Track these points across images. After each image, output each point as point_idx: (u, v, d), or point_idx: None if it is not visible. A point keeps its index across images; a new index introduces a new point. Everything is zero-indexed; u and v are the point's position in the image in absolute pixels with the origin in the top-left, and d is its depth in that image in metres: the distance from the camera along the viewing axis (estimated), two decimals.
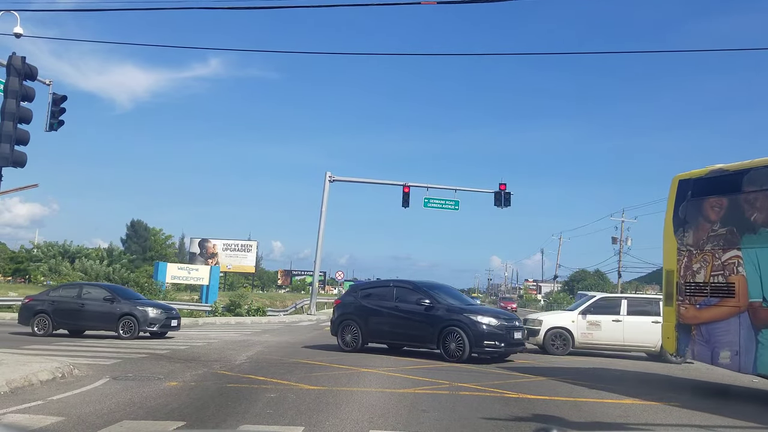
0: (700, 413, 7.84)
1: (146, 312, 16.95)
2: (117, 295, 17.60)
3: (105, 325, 17.00)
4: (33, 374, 8.31)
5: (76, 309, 17.16)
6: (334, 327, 14.57)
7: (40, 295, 19.22)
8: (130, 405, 7.09)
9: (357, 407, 7.27)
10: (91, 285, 19.91)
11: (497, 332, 12.62)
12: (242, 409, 6.99)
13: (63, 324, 17.33)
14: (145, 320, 16.76)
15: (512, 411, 7.38)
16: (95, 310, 16.99)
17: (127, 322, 16.70)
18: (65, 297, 17.60)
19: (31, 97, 11.25)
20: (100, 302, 17.10)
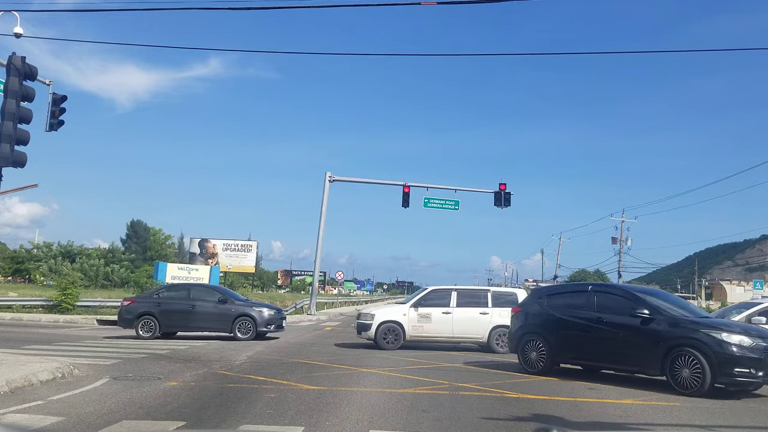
0: (700, 413, 7.84)
1: (263, 313, 16.95)
2: (229, 296, 17.63)
3: (219, 327, 16.81)
4: (33, 374, 8.31)
5: (186, 310, 16.88)
6: (513, 342, 12.11)
7: (141, 296, 18.92)
8: (130, 405, 7.09)
9: (357, 407, 7.27)
10: (201, 286, 19.65)
11: (752, 356, 9.16)
12: (242, 409, 6.99)
13: (172, 326, 17.06)
14: (262, 321, 16.79)
15: (512, 411, 7.38)
16: (209, 312, 16.81)
17: (244, 323, 16.65)
18: (174, 298, 17.28)
19: (31, 97, 11.25)
20: (213, 304, 16.92)
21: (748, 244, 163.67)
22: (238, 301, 17.54)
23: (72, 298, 25.57)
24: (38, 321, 22.38)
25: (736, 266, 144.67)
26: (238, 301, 17.49)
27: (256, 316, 16.72)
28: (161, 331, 16.64)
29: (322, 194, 32.47)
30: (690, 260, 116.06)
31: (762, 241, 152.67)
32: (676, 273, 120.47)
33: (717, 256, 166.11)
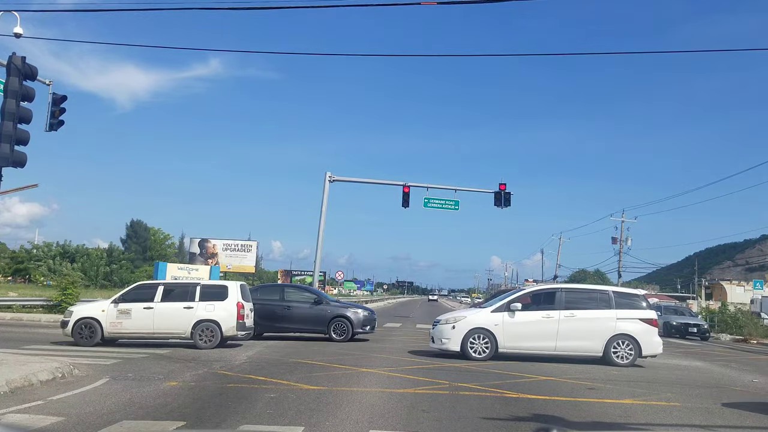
0: (700, 413, 7.85)
1: (358, 314, 16.96)
2: (323, 297, 17.54)
3: (314, 328, 16.76)
4: (33, 374, 8.31)
5: (281, 312, 16.79)
6: None
7: None
8: (130, 405, 7.09)
9: (357, 407, 7.27)
10: (292, 287, 19.33)
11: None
12: (242, 409, 6.99)
13: (266, 327, 16.83)
14: (358, 322, 16.78)
15: (512, 411, 7.38)
16: (304, 313, 16.75)
17: (340, 324, 16.62)
18: (268, 300, 17.01)
19: (31, 97, 11.25)
20: (308, 305, 16.91)
21: (748, 244, 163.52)
22: (332, 302, 17.45)
23: (72, 298, 25.53)
24: (38, 321, 22.36)
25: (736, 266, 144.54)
26: (332, 302, 17.41)
27: (352, 317, 16.75)
28: (256, 332, 16.14)
29: (322, 194, 32.44)
30: (690, 260, 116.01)
31: (762, 241, 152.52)
32: (676, 273, 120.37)
33: (717, 256, 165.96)
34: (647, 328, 12.84)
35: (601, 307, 12.97)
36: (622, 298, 13.34)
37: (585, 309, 12.92)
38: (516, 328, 12.69)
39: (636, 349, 12.66)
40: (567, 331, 12.62)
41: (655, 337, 12.93)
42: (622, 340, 12.71)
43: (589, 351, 12.81)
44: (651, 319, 12.97)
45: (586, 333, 12.67)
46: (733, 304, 44.92)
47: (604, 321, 12.75)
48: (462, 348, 12.75)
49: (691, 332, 28.06)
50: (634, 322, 12.81)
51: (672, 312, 31.05)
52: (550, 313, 12.78)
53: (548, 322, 12.68)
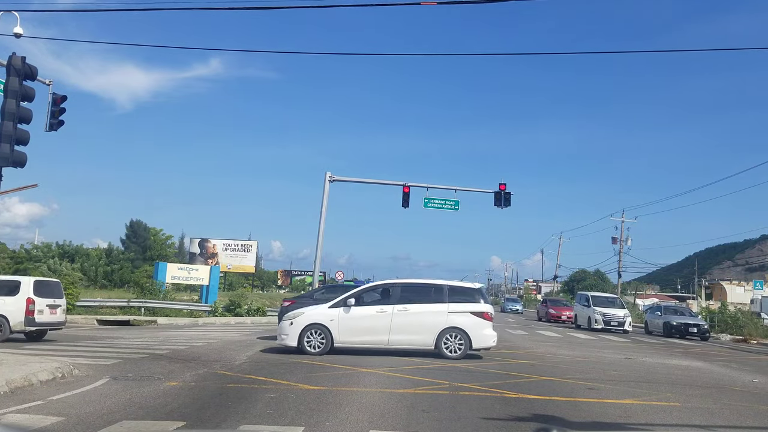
0: (700, 413, 7.85)
1: None
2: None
3: None
4: (33, 374, 8.31)
5: None
6: None
7: (301, 297, 18.28)
8: (130, 405, 7.09)
9: (357, 407, 7.27)
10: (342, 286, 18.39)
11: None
12: (242, 409, 6.99)
13: None
14: None
15: (512, 411, 7.38)
16: None
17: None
18: (330, 299, 16.29)
19: (31, 97, 11.26)
20: None
21: (748, 244, 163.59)
22: None
23: (72, 298, 25.54)
24: None
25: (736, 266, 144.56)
26: None
27: None
28: None
29: (322, 194, 32.44)
30: (690, 260, 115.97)
31: (762, 241, 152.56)
32: (676, 273, 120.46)
33: (717, 256, 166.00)
34: (479, 322, 12.91)
35: (435, 301, 13.08)
36: (457, 292, 13.40)
37: (418, 303, 13.07)
38: (350, 323, 12.88)
39: (466, 342, 12.79)
40: (400, 325, 12.82)
41: (486, 330, 12.96)
42: (453, 333, 12.85)
43: (421, 344, 12.95)
44: (483, 312, 13.00)
45: (418, 327, 12.87)
46: (733, 304, 44.97)
47: (435, 315, 12.91)
48: (299, 343, 12.89)
49: (691, 332, 28.07)
50: (466, 315, 12.90)
51: (672, 312, 31.06)
52: (384, 307, 12.99)
53: (382, 317, 12.87)
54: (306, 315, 13.18)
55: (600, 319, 29.96)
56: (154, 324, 24.01)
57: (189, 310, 27.85)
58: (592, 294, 33.67)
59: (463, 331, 12.81)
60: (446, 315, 12.89)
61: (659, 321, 29.91)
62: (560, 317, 38.63)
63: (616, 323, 29.75)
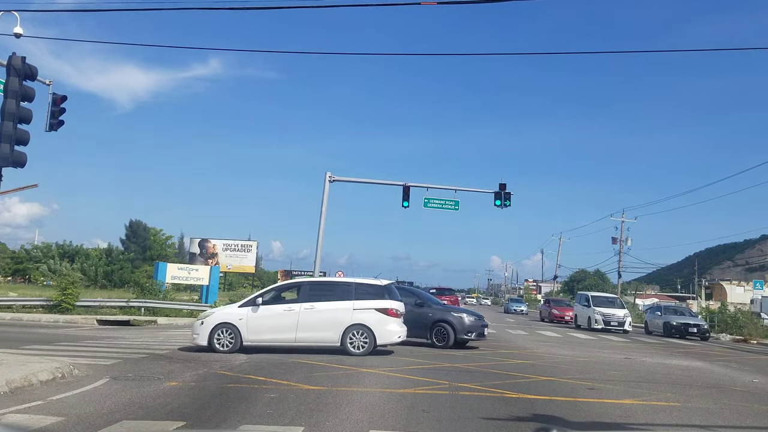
0: (699, 413, 7.85)
1: (462, 319, 15.82)
2: (425, 299, 16.55)
3: (415, 332, 15.61)
4: (33, 374, 8.31)
5: None
6: None
7: None
8: (130, 405, 7.09)
9: (357, 407, 7.27)
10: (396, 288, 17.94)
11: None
12: (242, 409, 6.99)
13: None
14: (462, 327, 15.63)
15: (512, 411, 7.38)
16: (405, 317, 15.19)
17: (441, 329, 15.63)
18: None
19: (31, 97, 11.24)
20: (410, 307, 15.57)
21: (748, 244, 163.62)
22: (435, 305, 16.58)
23: (72, 298, 25.56)
24: (38, 321, 22.37)
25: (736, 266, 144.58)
26: (435, 305, 16.52)
27: (455, 322, 15.67)
28: None
29: (322, 194, 32.43)
30: (690, 260, 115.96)
31: (762, 241, 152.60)
32: (676, 273, 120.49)
33: (717, 257, 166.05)
34: (383, 318, 13.04)
35: (341, 299, 13.22)
36: (364, 290, 13.49)
37: (325, 301, 13.21)
38: (259, 322, 13.01)
39: (371, 339, 12.89)
40: (307, 322, 12.95)
41: (390, 326, 13.10)
42: (357, 330, 12.95)
43: (326, 341, 13.06)
44: (387, 309, 13.14)
45: (324, 324, 12.99)
46: (733, 304, 44.98)
47: (341, 312, 13.04)
48: (209, 342, 12.96)
49: (691, 332, 28.06)
50: (371, 312, 13.02)
51: (672, 312, 31.05)
52: (291, 306, 13.17)
53: (289, 315, 13.02)
54: (216, 315, 13.41)
55: (600, 319, 29.95)
56: (154, 324, 23.99)
57: (189, 310, 27.82)
58: (592, 294, 33.65)
59: (368, 327, 12.92)
60: (351, 312, 13.03)
61: (659, 321, 29.91)
62: (563, 317, 38.29)
63: (616, 323, 29.75)
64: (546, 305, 43.94)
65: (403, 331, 13.47)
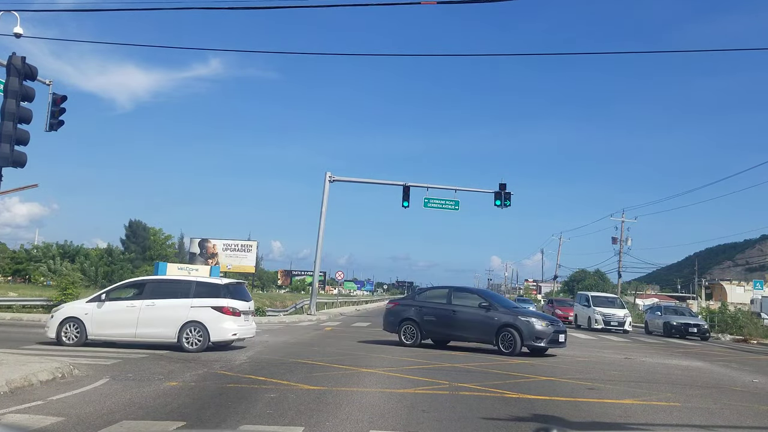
0: (700, 413, 7.85)
1: (531, 324, 14.58)
2: (492, 301, 15.58)
3: (480, 337, 15.05)
4: (33, 374, 8.30)
5: (447, 317, 15.27)
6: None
7: (405, 298, 17.94)
8: (130, 405, 7.09)
9: (357, 407, 7.27)
10: (462, 289, 17.25)
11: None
12: (242, 409, 6.99)
13: (431, 333, 15.73)
14: (529, 333, 14.42)
15: (512, 411, 7.38)
16: (469, 319, 15.01)
17: (507, 335, 14.53)
18: (434, 302, 15.85)
19: (31, 97, 11.23)
20: (474, 309, 15.03)
21: (748, 244, 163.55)
22: (503, 307, 15.36)
23: (72, 298, 25.43)
24: (38, 321, 22.29)
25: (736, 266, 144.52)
26: (502, 307, 15.32)
27: (522, 327, 14.47)
28: (422, 338, 15.42)
29: (322, 194, 32.46)
30: (690, 260, 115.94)
31: (762, 241, 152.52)
32: (676, 273, 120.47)
33: (717, 256, 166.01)
34: (218, 316, 13.27)
35: (181, 297, 13.54)
36: (202, 287, 13.76)
37: (166, 298, 13.53)
38: (102, 317, 13.48)
39: (205, 335, 13.15)
40: (146, 319, 13.33)
41: (225, 323, 13.30)
42: (193, 327, 13.23)
43: (164, 337, 13.34)
44: (222, 306, 13.41)
45: (162, 320, 13.31)
46: (733, 304, 44.94)
47: (179, 309, 13.34)
48: (57, 335, 13.50)
49: (691, 332, 28.06)
50: (207, 310, 13.26)
51: (672, 312, 31.05)
52: (134, 302, 13.57)
53: (131, 311, 13.43)
54: (64, 309, 14.00)
55: (600, 319, 29.95)
56: None
57: None
58: (592, 294, 33.64)
59: (203, 324, 13.18)
60: (189, 309, 13.34)
61: (659, 321, 29.90)
62: (567, 318, 37.99)
63: (616, 323, 29.74)
64: (549, 305, 43.83)
65: (242, 329, 13.66)
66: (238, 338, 13.74)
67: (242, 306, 13.77)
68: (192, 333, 13.18)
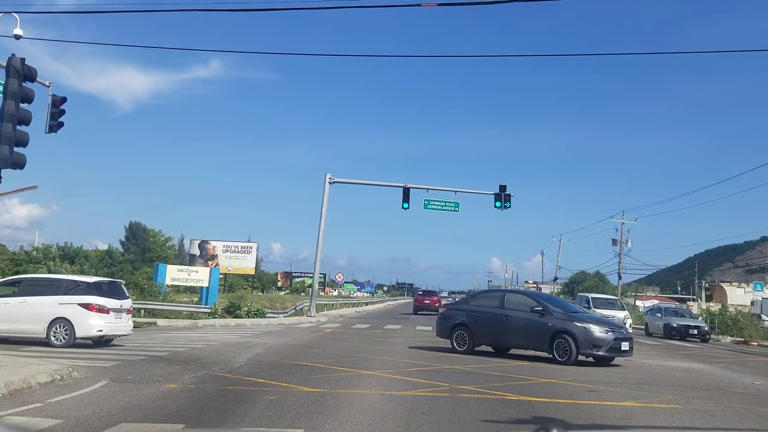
0: (701, 416, 7.81)
1: (588, 330, 13.19)
2: (547, 304, 14.25)
3: (533, 344, 13.95)
4: (31, 376, 8.28)
5: (499, 322, 14.23)
6: None
7: (459, 302, 17.47)
8: (129, 407, 7.06)
9: (356, 410, 7.24)
10: (516, 293, 16.25)
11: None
12: (241, 411, 6.96)
13: (483, 339, 14.70)
14: (586, 341, 13.08)
15: (513, 414, 7.36)
16: (522, 325, 13.94)
17: (561, 342, 13.20)
18: (486, 306, 14.91)
19: (30, 99, 11.21)
20: (526, 314, 13.88)
21: (747, 245, 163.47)
22: (558, 311, 13.96)
23: None
24: None
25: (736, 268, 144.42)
26: (558, 311, 14.01)
27: (578, 333, 13.12)
28: (475, 345, 14.54)
29: (322, 196, 32.45)
30: (690, 262, 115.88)
31: (762, 243, 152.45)
32: (676, 275, 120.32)
33: (717, 258, 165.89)
34: (84, 312, 13.81)
35: (51, 294, 14.16)
36: (72, 285, 14.37)
37: (38, 296, 14.15)
38: None
39: (71, 332, 13.76)
40: (18, 315, 13.92)
41: (91, 320, 13.80)
42: (60, 323, 13.82)
43: (34, 333, 13.96)
44: (88, 303, 13.91)
45: (32, 317, 13.90)
46: (734, 306, 44.86)
47: (48, 306, 13.93)
48: None
49: (692, 334, 28.01)
50: (73, 306, 13.84)
51: (672, 314, 30.99)
52: (8, 299, 14.21)
53: (4, 307, 14.06)
54: None
55: None
56: (154, 326, 23.91)
57: (188, 311, 27.75)
58: (592, 296, 33.61)
59: (69, 321, 13.72)
60: (57, 306, 13.88)
61: (659, 323, 29.84)
62: None
63: None
64: None
65: (110, 326, 14.15)
66: (107, 335, 14.32)
67: (112, 304, 14.29)
68: (59, 329, 13.78)
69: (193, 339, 17.20)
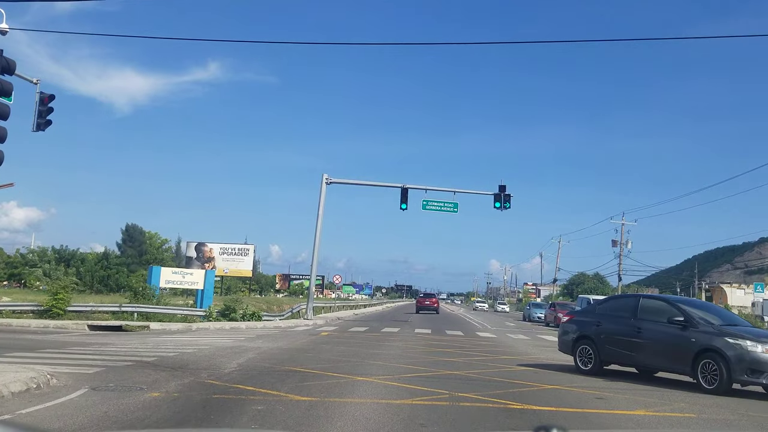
0: (717, 425, 7.34)
1: (742, 348, 9.75)
2: (692, 314, 10.89)
3: (671, 365, 11.02)
4: (4, 385, 7.76)
5: (629, 335, 11.43)
6: None
7: (584, 310, 14.72)
8: (105, 419, 6.56)
9: (350, 421, 6.75)
10: (653, 298, 13.18)
11: None
12: (226, 423, 6.48)
13: (611, 357, 11.87)
14: (740, 362, 9.68)
15: (517, 423, 6.87)
16: (657, 340, 11.00)
17: (708, 363, 10.04)
18: (615, 316, 12.08)
19: (8, 92, 10.74)
20: (663, 326, 10.95)
21: (746, 247, 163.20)
22: (705, 324, 10.62)
23: (63, 303, 24.96)
24: (28, 327, 21.79)
25: (735, 269, 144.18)
26: (704, 324, 10.61)
27: (729, 352, 9.78)
28: (604, 363, 11.93)
29: (319, 196, 31.97)
30: (689, 263, 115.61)
31: (761, 244, 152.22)
32: (676, 276, 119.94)
33: (716, 259, 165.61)
34: None
35: None
36: None
37: None
38: None
39: None
40: None
41: None
42: None
43: None
44: None
45: None
46: (735, 307, 44.50)
47: None
48: None
49: None
50: None
51: None
52: None
53: None
54: None
55: None
56: (147, 329, 23.42)
57: (183, 315, 27.24)
58: (593, 297, 33.17)
59: None
60: None
61: None
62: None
63: None
64: (551, 309, 43.40)
65: None
66: None
67: None
68: None
69: (184, 343, 16.68)
